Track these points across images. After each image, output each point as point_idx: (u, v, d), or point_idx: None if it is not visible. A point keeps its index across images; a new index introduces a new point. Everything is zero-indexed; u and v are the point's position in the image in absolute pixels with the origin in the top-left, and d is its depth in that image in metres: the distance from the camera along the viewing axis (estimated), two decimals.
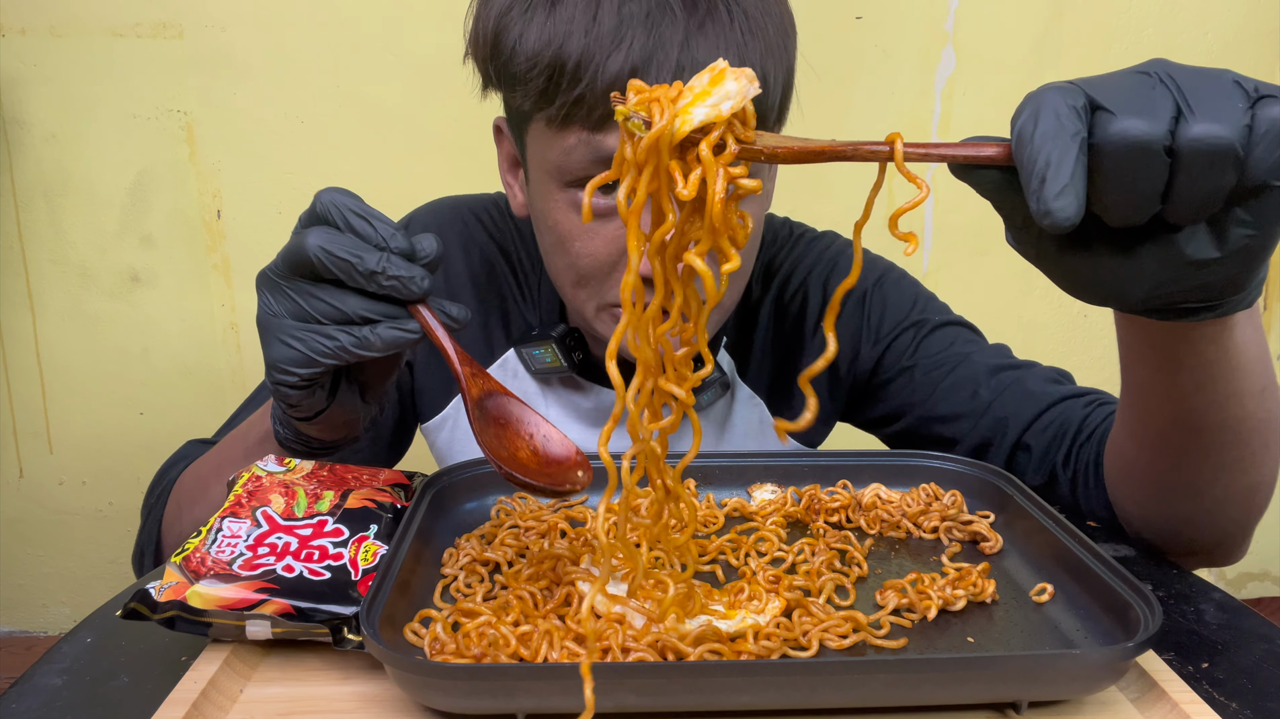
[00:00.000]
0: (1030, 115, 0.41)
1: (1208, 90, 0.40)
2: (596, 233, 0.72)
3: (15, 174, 1.67)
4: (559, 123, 0.68)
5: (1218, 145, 0.39)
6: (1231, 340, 0.55)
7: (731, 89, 0.42)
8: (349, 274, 0.55)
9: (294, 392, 0.60)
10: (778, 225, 0.95)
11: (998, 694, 0.50)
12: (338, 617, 0.53)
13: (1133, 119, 0.40)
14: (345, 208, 0.57)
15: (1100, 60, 1.74)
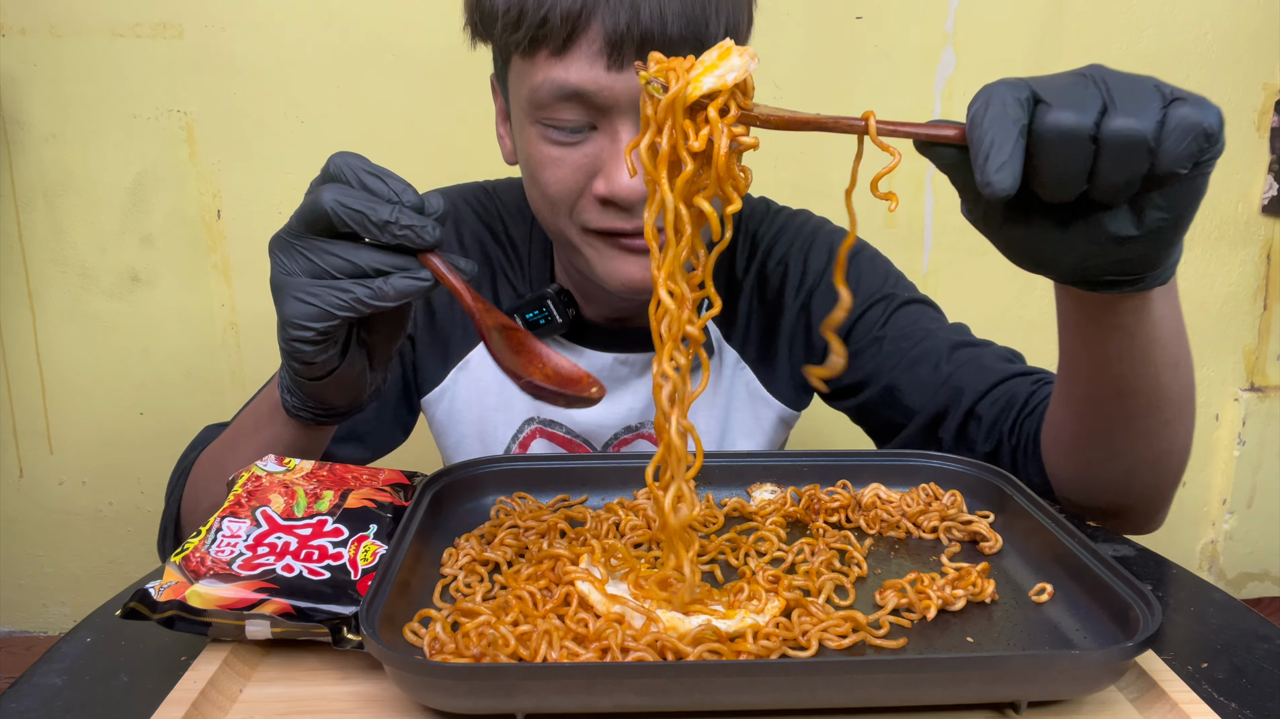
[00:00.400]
0: (982, 103, 0.48)
1: (1131, 91, 0.48)
2: (564, 161, 0.78)
3: (15, 174, 1.67)
4: (528, 49, 0.75)
5: (1134, 135, 0.47)
6: (1150, 313, 0.63)
7: (735, 63, 0.50)
8: (363, 225, 0.58)
9: (309, 348, 0.61)
10: (755, 202, 1.01)
11: (997, 694, 0.50)
12: (337, 616, 0.53)
13: (1066, 111, 0.47)
14: (357, 167, 0.60)
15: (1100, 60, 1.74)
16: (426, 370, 0.96)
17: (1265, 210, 1.85)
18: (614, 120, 0.75)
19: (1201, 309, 1.89)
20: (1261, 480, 1.97)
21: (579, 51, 0.73)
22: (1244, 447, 1.95)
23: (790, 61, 1.69)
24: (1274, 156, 1.82)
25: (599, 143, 0.77)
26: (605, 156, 0.76)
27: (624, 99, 0.74)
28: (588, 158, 0.77)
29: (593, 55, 0.73)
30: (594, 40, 0.73)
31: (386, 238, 0.58)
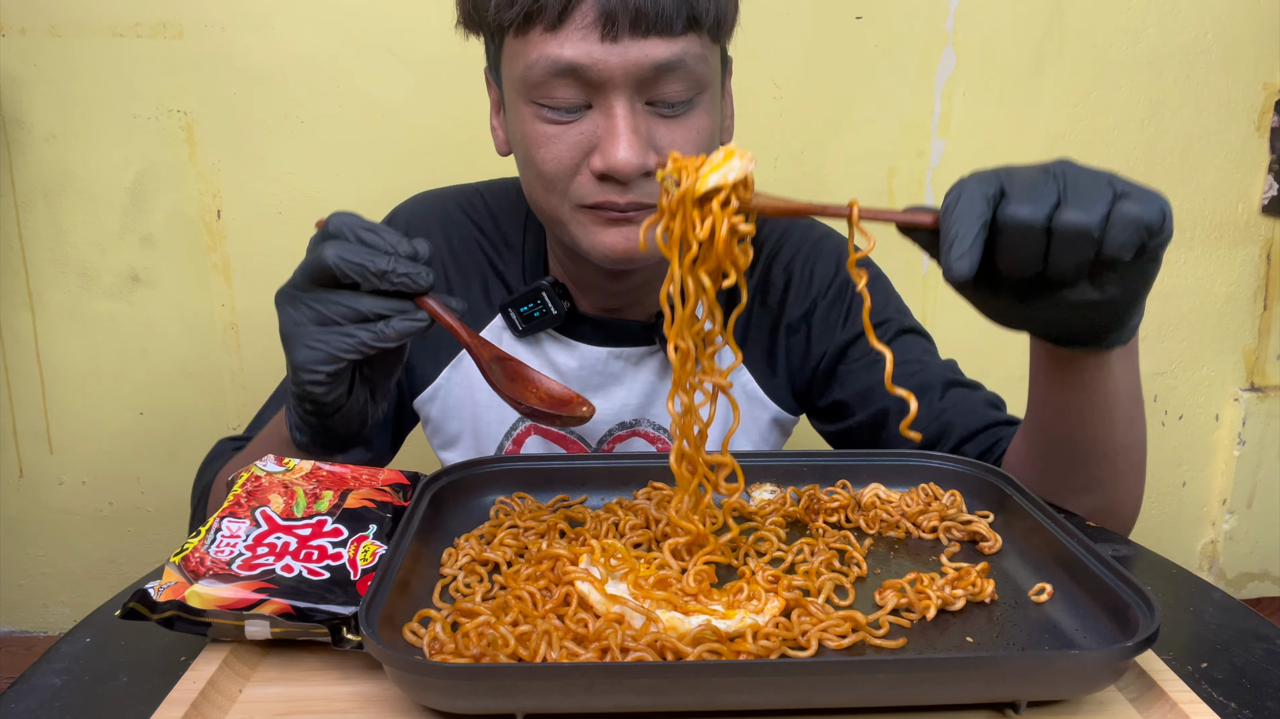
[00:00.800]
0: (954, 196, 0.56)
1: (1085, 187, 0.55)
2: (559, 139, 0.78)
3: (15, 174, 1.67)
4: (522, 25, 0.75)
5: (1080, 228, 0.55)
6: (1110, 370, 0.70)
7: (736, 165, 0.59)
8: (363, 275, 0.64)
9: (320, 389, 0.68)
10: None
11: (997, 694, 0.50)
12: (337, 617, 0.53)
13: (1023, 205, 0.55)
14: (355, 225, 0.67)
15: (1100, 60, 1.74)
16: (417, 372, 0.97)
17: (1265, 210, 1.85)
18: (609, 96, 0.76)
19: (1201, 309, 1.89)
20: (1261, 480, 1.97)
21: (573, 25, 0.74)
22: (1244, 446, 1.95)
23: (790, 61, 1.69)
24: (1274, 156, 1.82)
25: (594, 120, 0.77)
26: (601, 133, 0.77)
27: (619, 73, 0.75)
28: (583, 135, 0.78)
29: (586, 28, 0.74)
30: (587, 13, 0.73)
31: (385, 285, 0.65)
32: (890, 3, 1.68)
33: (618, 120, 0.76)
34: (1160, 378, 1.92)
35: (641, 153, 0.76)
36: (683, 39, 0.75)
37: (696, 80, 0.77)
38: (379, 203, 1.69)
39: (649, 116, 0.78)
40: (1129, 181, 0.57)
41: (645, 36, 0.74)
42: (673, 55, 0.75)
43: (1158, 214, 0.56)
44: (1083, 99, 1.76)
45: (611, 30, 0.73)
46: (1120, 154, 1.80)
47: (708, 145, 0.80)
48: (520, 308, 0.92)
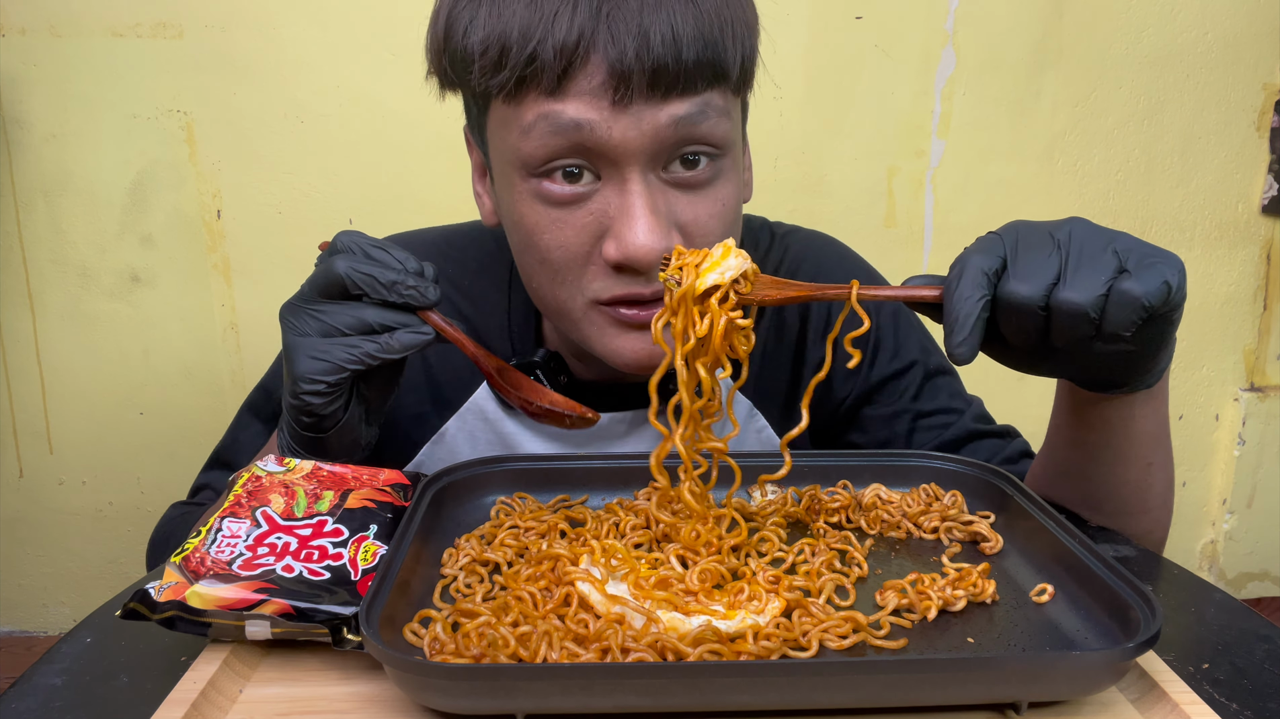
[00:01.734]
0: (957, 273, 0.57)
1: (1088, 261, 0.55)
2: (565, 222, 0.69)
3: (15, 174, 1.67)
4: (514, 91, 0.65)
5: (1076, 309, 0.55)
6: (1131, 413, 0.69)
7: (733, 263, 0.61)
8: (373, 287, 0.64)
9: (319, 400, 0.67)
10: (757, 229, 0.93)
11: (998, 695, 0.50)
12: (337, 617, 0.53)
13: (1020, 283, 0.55)
14: (363, 242, 0.67)
15: (1100, 60, 1.74)
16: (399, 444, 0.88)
17: (1265, 210, 1.85)
18: (622, 169, 0.66)
19: (1201, 309, 1.89)
20: (1261, 480, 1.97)
21: (577, 87, 0.64)
22: (1244, 446, 1.95)
23: (790, 61, 1.69)
24: (1274, 156, 1.82)
25: (605, 197, 0.68)
26: (614, 213, 0.67)
27: (634, 143, 0.65)
28: (593, 216, 0.68)
29: (593, 92, 0.64)
30: (595, 74, 0.63)
31: (394, 297, 0.65)
32: (890, 3, 1.68)
33: (633, 199, 0.66)
34: None
35: (664, 235, 0.67)
36: (705, 95, 0.66)
37: (720, 142, 0.68)
38: (380, 202, 1.70)
39: (667, 189, 0.68)
40: (1139, 246, 0.56)
41: (665, 98, 0.64)
42: (696, 116, 0.66)
43: (1160, 290, 0.55)
44: (1083, 99, 1.76)
45: (625, 92, 0.63)
46: (1120, 154, 1.80)
47: (733, 217, 0.72)
48: None
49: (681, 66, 0.64)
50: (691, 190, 0.69)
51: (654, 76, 0.63)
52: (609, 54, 0.63)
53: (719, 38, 0.65)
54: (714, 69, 0.66)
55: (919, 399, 0.89)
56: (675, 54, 0.63)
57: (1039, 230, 0.58)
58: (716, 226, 0.71)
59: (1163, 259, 0.56)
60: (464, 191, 1.08)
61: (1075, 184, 1.81)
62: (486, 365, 0.69)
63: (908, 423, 0.88)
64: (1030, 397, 1.36)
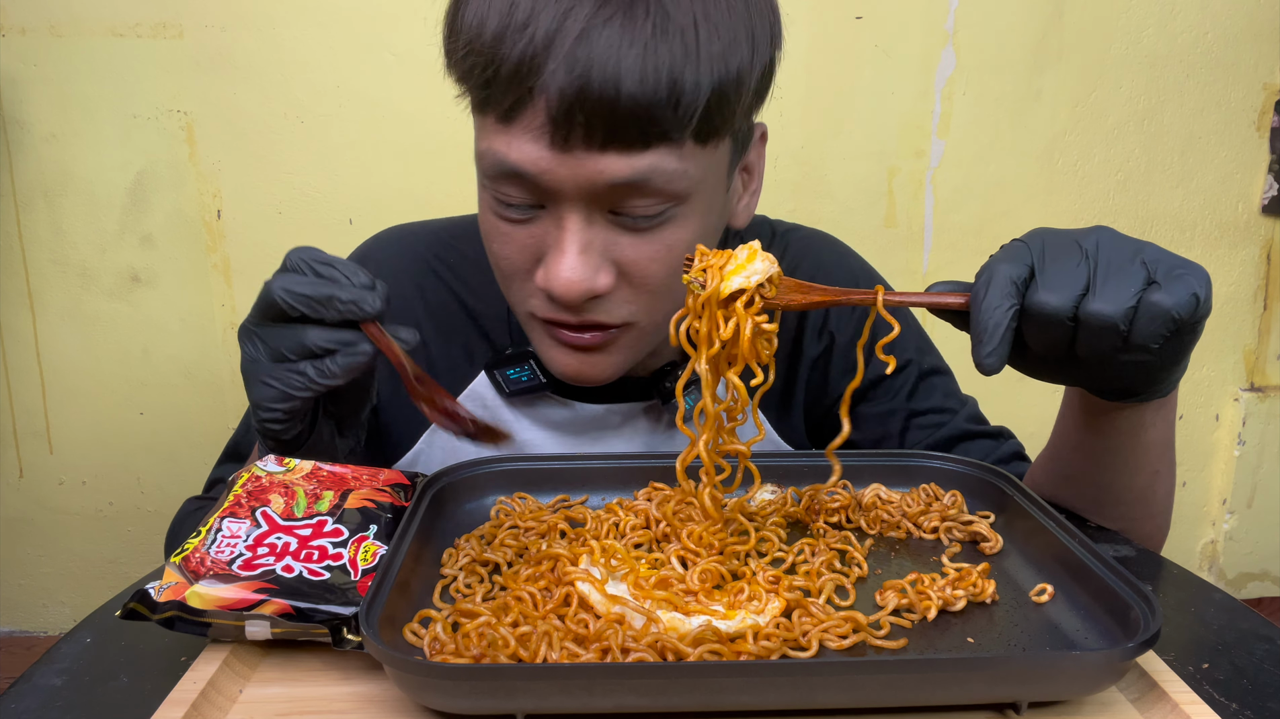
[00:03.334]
0: (985, 282, 0.56)
1: (1116, 272, 0.54)
2: (511, 237, 0.70)
3: (15, 174, 1.67)
4: (478, 108, 0.67)
5: (1105, 321, 0.54)
6: (1142, 421, 0.69)
7: (759, 267, 0.60)
8: (310, 305, 0.62)
9: (278, 426, 0.66)
10: (756, 225, 0.93)
11: (998, 695, 0.50)
12: (337, 617, 0.53)
13: (1049, 293, 0.55)
14: (311, 258, 0.64)
15: (1100, 60, 1.74)
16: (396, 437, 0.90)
17: (1265, 210, 1.85)
18: (561, 206, 0.66)
19: None
20: (1261, 480, 1.97)
21: (522, 125, 0.64)
22: (1244, 446, 1.95)
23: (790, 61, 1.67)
24: (1274, 156, 1.82)
25: (545, 225, 0.68)
26: (550, 242, 0.68)
27: (569, 186, 0.65)
28: (534, 239, 0.69)
29: (535, 130, 0.63)
30: (537, 114, 0.63)
31: (333, 314, 0.62)
32: (890, 3, 1.68)
33: (565, 235, 0.66)
34: None
35: (590, 274, 0.67)
36: (649, 153, 0.64)
37: (671, 195, 0.66)
38: (380, 202, 1.70)
39: (610, 227, 0.68)
40: (1166, 257, 0.55)
41: (602, 150, 0.63)
42: (634, 174, 0.64)
43: (1189, 302, 0.54)
44: (1083, 99, 1.76)
45: (562, 138, 0.63)
46: (1120, 154, 1.80)
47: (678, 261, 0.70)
48: (508, 370, 0.84)
49: (619, 121, 0.62)
50: (637, 233, 0.68)
51: (589, 127, 0.62)
52: (550, 96, 0.62)
53: (669, 90, 0.62)
54: (658, 126, 0.63)
55: (913, 398, 0.89)
56: (612, 107, 0.61)
57: (1066, 239, 0.57)
58: (658, 271, 0.69)
59: (1190, 270, 0.55)
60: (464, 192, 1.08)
61: (1075, 184, 1.81)
62: (406, 370, 0.66)
63: (901, 421, 0.88)
64: (1028, 397, 1.36)
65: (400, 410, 0.88)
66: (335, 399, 0.71)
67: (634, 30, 0.61)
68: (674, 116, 0.63)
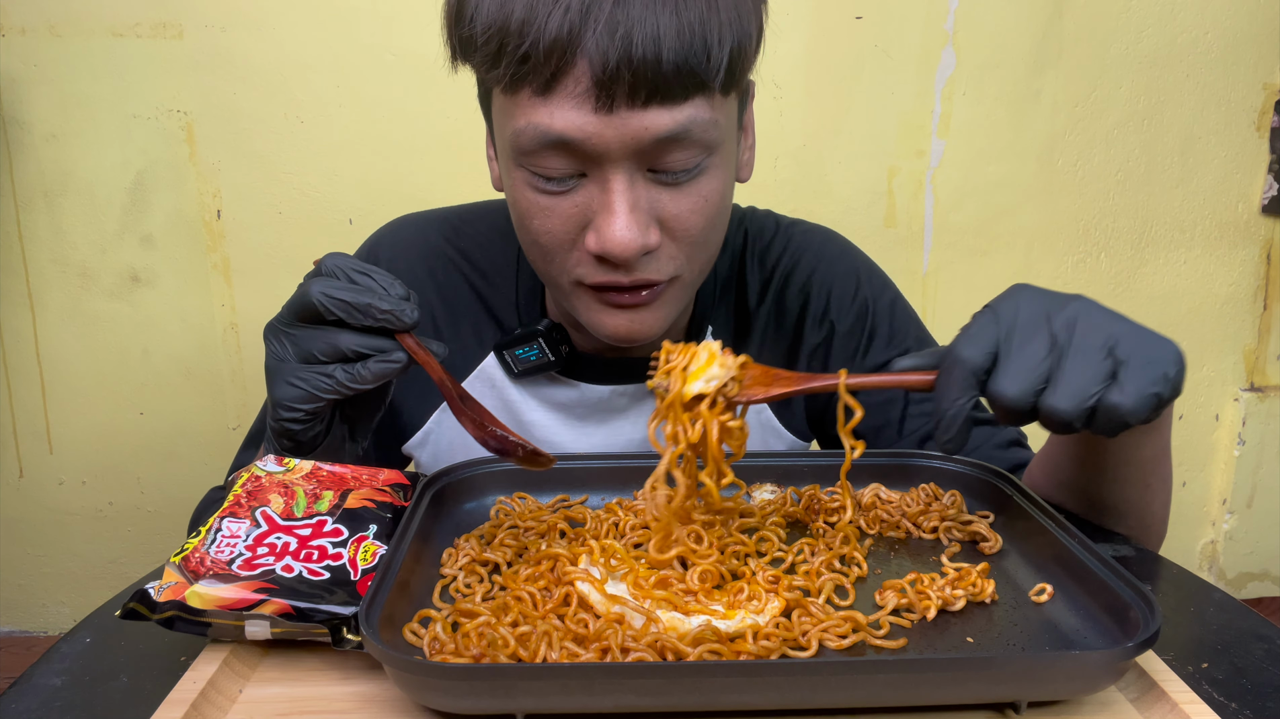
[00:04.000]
0: (946, 371, 0.58)
1: (1080, 366, 0.54)
2: (553, 210, 0.71)
3: (15, 174, 1.67)
4: (509, 86, 0.67)
5: (1061, 418, 0.55)
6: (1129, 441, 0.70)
7: (716, 372, 0.62)
8: (348, 311, 0.63)
9: (298, 426, 0.67)
10: (761, 218, 0.96)
11: (997, 694, 0.50)
12: (337, 617, 0.53)
13: (1008, 385, 0.55)
14: (347, 266, 0.66)
15: (1100, 60, 1.74)
16: (408, 416, 0.92)
17: (1265, 210, 1.85)
18: (605, 169, 0.68)
19: (1201, 309, 1.90)
20: (1261, 480, 1.97)
21: (564, 93, 0.65)
22: (1244, 446, 1.95)
23: (790, 61, 1.69)
24: (1274, 156, 1.82)
25: (589, 191, 0.70)
26: (596, 207, 0.70)
27: (615, 146, 0.66)
28: (578, 208, 0.70)
29: (579, 97, 0.65)
30: (580, 80, 0.65)
31: (369, 321, 0.64)
32: (890, 3, 1.68)
33: (614, 196, 0.68)
34: None
35: (642, 231, 0.69)
36: (688, 105, 0.67)
37: (705, 146, 0.69)
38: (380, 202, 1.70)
39: (651, 185, 0.70)
40: (1141, 346, 0.55)
41: (645, 107, 0.65)
42: (677, 126, 0.66)
43: (1147, 405, 0.54)
44: (1083, 99, 1.76)
45: (607, 100, 0.65)
46: (1120, 154, 1.80)
47: (716, 210, 0.73)
48: (516, 349, 0.86)
49: (660, 77, 0.64)
50: (675, 187, 0.70)
51: (633, 85, 0.64)
52: (593, 61, 0.64)
53: (702, 43, 0.65)
54: (696, 78, 0.66)
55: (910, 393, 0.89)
56: (655, 61, 0.64)
57: (1037, 316, 0.57)
58: (698, 222, 0.72)
59: (1158, 363, 0.54)
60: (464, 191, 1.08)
61: (1075, 184, 1.81)
62: (450, 390, 0.66)
63: (900, 410, 0.89)
64: None
65: (410, 390, 0.90)
66: (354, 404, 0.72)
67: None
68: (708, 67, 0.66)
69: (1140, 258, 1.86)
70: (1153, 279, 1.87)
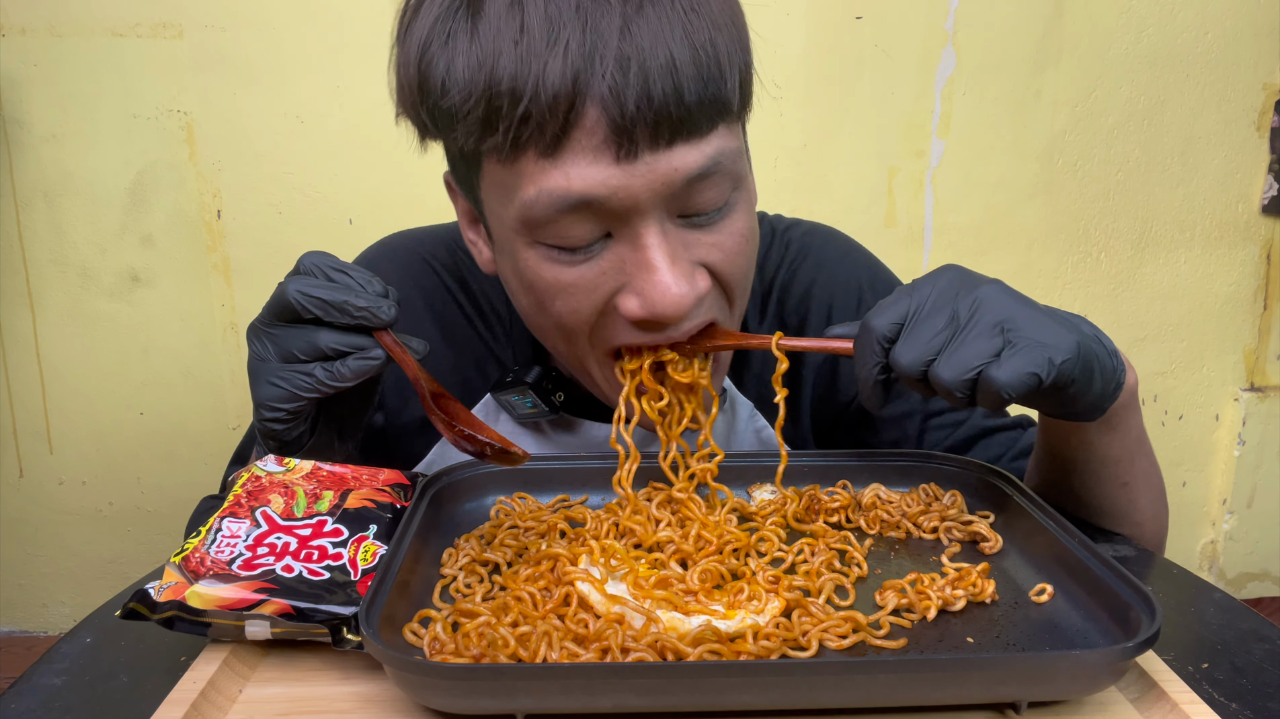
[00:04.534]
0: (858, 338, 0.61)
1: (973, 339, 0.57)
2: (578, 285, 0.64)
3: (15, 174, 1.67)
4: (509, 153, 0.60)
5: (944, 387, 0.57)
6: (1089, 439, 0.71)
7: None
8: (324, 309, 0.63)
9: (280, 426, 0.66)
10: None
11: (997, 694, 0.50)
12: (337, 617, 0.53)
13: (902, 354, 0.59)
14: (325, 264, 0.65)
15: (1100, 60, 1.74)
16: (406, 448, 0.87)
17: (1265, 210, 1.85)
18: (633, 224, 0.61)
19: (1201, 309, 1.89)
20: (1261, 480, 1.97)
21: (577, 148, 0.58)
22: (1244, 446, 1.95)
23: (790, 61, 1.69)
24: (1274, 156, 1.82)
25: (618, 252, 0.63)
26: (631, 269, 0.63)
27: (644, 196, 0.59)
28: (606, 274, 0.64)
29: (595, 149, 0.58)
30: (594, 130, 0.57)
31: (345, 319, 0.63)
32: (890, 3, 1.68)
33: (651, 253, 0.61)
34: (1160, 378, 1.92)
35: (690, 283, 0.63)
36: (714, 136, 0.61)
37: (734, 179, 0.64)
38: (379, 203, 1.70)
39: (683, 230, 0.63)
40: (1033, 329, 0.57)
41: (670, 146, 0.59)
42: (707, 161, 0.60)
43: (1023, 382, 0.56)
44: (1083, 99, 1.77)
45: (629, 147, 0.58)
46: (1120, 154, 1.80)
47: (752, 243, 0.68)
48: (510, 396, 0.81)
49: (684, 110, 0.58)
50: (709, 228, 0.64)
51: (656, 125, 0.58)
52: (607, 106, 0.57)
53: (718, 68, 0.59)
54: (719, 105, 0.60)
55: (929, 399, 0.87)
56: (678, 97, 0.57)
57: (947, 294, 0.59)
58: (742, 261, 0.67)
59: (1046, 347, 0.56)
60: None
61: (1075, 184, 1.81)
62: (424, 388, 0.65)
63: (918, 423, 0.87)
64: None
65: (409, 423, 0.87)
66: (338, 403, 0.71)
67: (669, 12, 0.58)
68: (728, 92, 0.61)
69: (1140, 258, 1.86)
70: (1153, 279, 1.87)
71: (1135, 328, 1.89)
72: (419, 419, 0.86)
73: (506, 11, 0.58)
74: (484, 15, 0.58)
